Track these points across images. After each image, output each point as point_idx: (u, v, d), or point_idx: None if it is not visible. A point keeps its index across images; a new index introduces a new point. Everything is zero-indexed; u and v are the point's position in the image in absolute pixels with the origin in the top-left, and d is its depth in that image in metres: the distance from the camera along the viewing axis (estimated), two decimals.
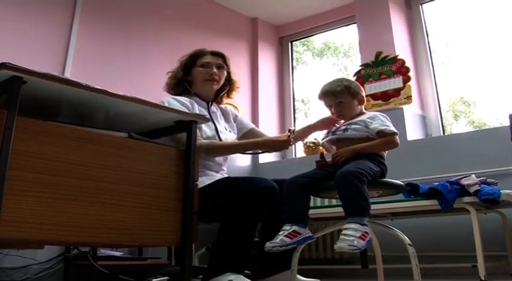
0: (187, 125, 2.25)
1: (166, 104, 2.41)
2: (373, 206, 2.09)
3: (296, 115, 5.18)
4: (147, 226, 2.01)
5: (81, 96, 1.90)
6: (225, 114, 2.68)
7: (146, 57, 4.23)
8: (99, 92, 1.90)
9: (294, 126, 2.48)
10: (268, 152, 2.48)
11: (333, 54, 5.86)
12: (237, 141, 2.50)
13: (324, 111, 2.54)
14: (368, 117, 2.31)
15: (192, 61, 2.60)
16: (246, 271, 2.19)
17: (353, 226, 1.93)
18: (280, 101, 5.20)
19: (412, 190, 3.02)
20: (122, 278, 3.40)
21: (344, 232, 1.92)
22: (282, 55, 5.41)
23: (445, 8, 4.63)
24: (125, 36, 4.13)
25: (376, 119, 2.28)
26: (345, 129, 2.28)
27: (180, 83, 2.58)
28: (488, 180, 2.84)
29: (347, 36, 5.51)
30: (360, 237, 1.89)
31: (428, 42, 4.41)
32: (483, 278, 2.61)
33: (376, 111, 2.40)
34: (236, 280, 2.06)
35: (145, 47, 4.25)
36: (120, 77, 3.92)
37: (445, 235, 3.36)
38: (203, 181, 2.33)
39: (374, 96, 4.18)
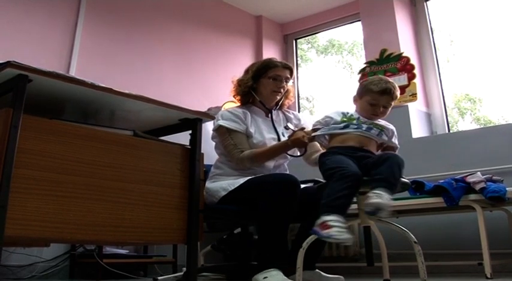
0: (192, 123, 2.25)
1: (219, 117, 2.54)
2: None
3: (301, 113, 5.17)
4: (153, 223, 2.02)
5: (86, 94, 1.91)
6: (288, 120, 2.77)
7: (151, 55, 4.23)
8: (104, 90, 1.91)
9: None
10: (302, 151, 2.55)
11: (338, 52, 5.85)
12: (271, 145, 2.54)
13: (328, 108, 2.51)
14: (389, 130, 2.35)
15: (263, 71, 2.66)
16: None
17: (385, 192, 1.91)
18: None
19: (417, 188, 3.02)
20: (128, 276, 3.41)
21: (376, 191, 1.90)
22: (287, 53, 5.40)
23: (450, 5, 4.61)
24: (129, 34, 4.14)
25: (395, 137, 2.36)
26: (370, 128, 2.27)
27: (249, 92, 2.67)
28: (494, 177, 2.83)
29: (351, 34, 5.50)
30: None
31: (433, 40, 4.39)
32: (489, 276, 2.60)
33: None
34: (271, 278, 2.07)
35: (150, 45, 4.25)
36: (124, 75, 3.92)
37: (451, 232, 3.35)
38: (238, 181, 2.39)
39: None
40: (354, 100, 2.41)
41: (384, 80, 2.33)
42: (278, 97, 2.68)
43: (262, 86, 2.65)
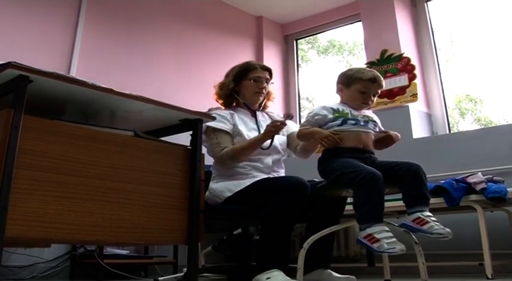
0: (193, 123, 2.25)
1: None
2: None
3: (301, 113, 5.18)
4: (154, 224, 2.02)
5: (86, 95, 1.91)
6: (272, 119, 2.78)
7: (151, 55, 4.23)
8: (105, 91, 1.91)
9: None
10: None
11: (338, 52, 5.86)
12: (249, 139, 2.54)
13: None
14: (376, 118, 2.38)
15: (243, 73, 2.72)
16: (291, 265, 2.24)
17: (429, 211, 2.04)
18: (285, 99, 5.19)
19: None
20: (128, 276, 3.41)
21: (433, 218, 2.02)
22: (287, 53, 5.40)
23: (450, 5, 4.61)
24: (130, 34, 4.14)
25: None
26: (366, 122, 2.28)
27: (231, 94, 2.72)
28: (495, 178, 2.82)
29: (352, 34, 5.51)
30: None
31: (434, 40, 4.39)
32: (490, 277, 2.60)
33: (381, 109, 2.40)
34: (274, 279, 2.07)
35: (151, 45, 4.26)
36: (125, 75, 3.92)
37: (452, 233, 3.35)
38: (244, 183, 2.39)
39: (379, 94, 4.16)
40: (338, 90, 2.39)
41: (367, 68, 2.37)
42: (261, 98, 2.74)
43: (244, 88, 2.71)
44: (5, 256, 2.99)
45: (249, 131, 2.58)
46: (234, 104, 2.75)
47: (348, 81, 2.34)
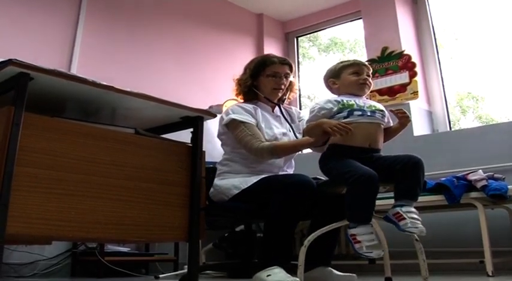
0: (194, 121, 2.25)
1: (230, 111, 2.48)
2: (379, 202, 2.08)
3: (302, 111, 5.17)
4: (155, 221, 2.02)
5: (87, 92, 1.91)
6: (291, 115, 2.74)
7: (152, 53, 4.23)
8: (106, 88, 1.91)
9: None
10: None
11: (339, 50, 5.85)
12: (296, 140, 2.52)
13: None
14: (384, 109, 2.32)
15: (260, 68, 2.62)
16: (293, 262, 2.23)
17: (412, 205, 2.01)
18: None
19: None
20: (129, 273, 3.42)
21: (413, 215, 1.98)
22: (288, 51, 5.39)
23: (451, 2, 4.60)
24: (130, 32, 4.14)
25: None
26: (373, 112, 2.23)
27: (250, 90, 2.63)
28: (496, 175, 2.82)
29: (353, 32, 5.50)
30: None
31: (435, 37, 4.39)
32: (490, 274, 2.60)
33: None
34: (275, 276, 2.06)
35: (151, 42, 4.26)
36: (126, 72, 3.92)
37: (452, 230, 3.35)
38: (251, 180, 2.36)
39: (380, 92, 4.16)
40: (332, 84, 2.35)
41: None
42: (280, 94, 2.64)
43: (262, 84, 2.61)
44: (6, 254, 2.99)
45: (269, 128, 2.51)
46: (255, 97, 2.65)
47: (336, 73, 2.34)
